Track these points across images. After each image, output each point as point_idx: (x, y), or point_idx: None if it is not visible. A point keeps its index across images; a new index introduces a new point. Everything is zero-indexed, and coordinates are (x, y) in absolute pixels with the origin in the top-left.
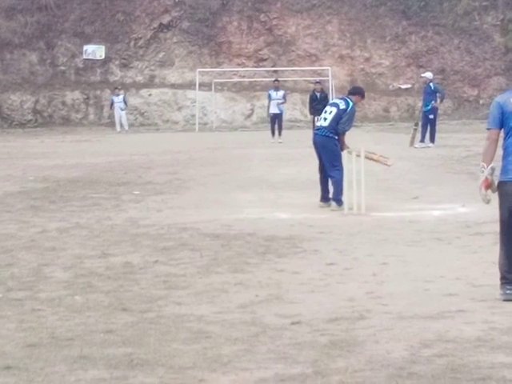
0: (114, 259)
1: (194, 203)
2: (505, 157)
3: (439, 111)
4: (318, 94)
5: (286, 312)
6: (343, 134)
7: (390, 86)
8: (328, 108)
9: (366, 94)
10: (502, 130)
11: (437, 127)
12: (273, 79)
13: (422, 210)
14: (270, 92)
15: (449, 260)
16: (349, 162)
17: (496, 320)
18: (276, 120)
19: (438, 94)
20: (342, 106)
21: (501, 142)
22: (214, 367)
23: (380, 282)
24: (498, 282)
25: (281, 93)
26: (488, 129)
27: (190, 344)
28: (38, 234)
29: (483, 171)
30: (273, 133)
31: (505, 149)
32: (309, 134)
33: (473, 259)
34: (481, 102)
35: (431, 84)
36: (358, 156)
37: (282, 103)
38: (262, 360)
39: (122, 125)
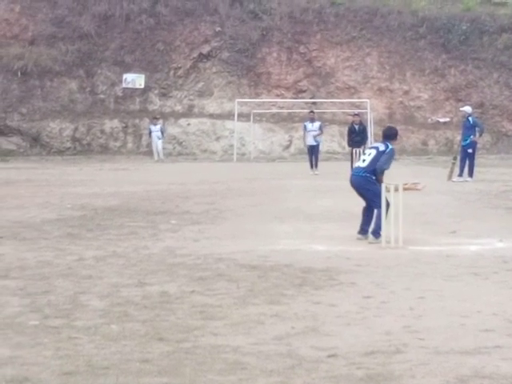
0: (150, 288)
1: (230, 234)
2: None
3: (478, 145)
4: (357, 127)
5: (322, 345)
6: (382, 173)
7: (429, 120)
8: (367, 151)
9: (404, 127)
10: None
11: (475, 161)
12: (308, 111)
13: (459, 245)
14: (305, 124)
15: (486, 295)
16: (387, 196)
17: None
18: (312, 152)
19: (477, 129)
20: (382, 148)
21: None
22: None
23: (417, 316)
24: None
25: (317, 124)
26: None
27: (226, 375)
28: (75, 261)
29: None
30: (311, 165)
31: None
32: (346, 166)
33: (510, 295)
34: None
35: (470, 118)
36: (396, 190)
37: (319, 134)
38: None
39: (158, 153)
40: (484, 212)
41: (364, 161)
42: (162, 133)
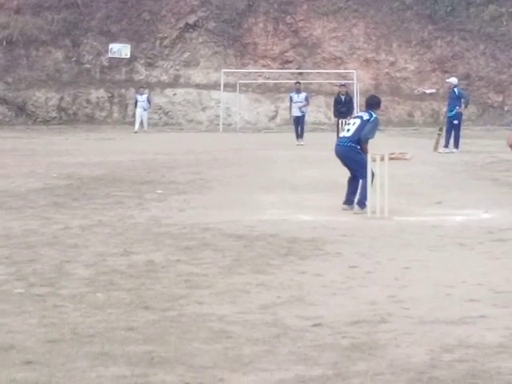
0: (136, 257)
1: (216, 203)
2: None
3: (464, 117)
4: (343, 97)
5: (307, 314)
6: (366, 141)
7: (415, 91)
8: (352, 120)
9: (390, 98)
10: None
11: (461, 133)
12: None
13: (444, 215)
14: (291, 95)
15: (471, 266)
16: (372, 166)
17: None
18: (298, 122)
19: (462, 100)
20: (366, 117)
21: None
22: (235, 367)
23: (402, 286)
24: None
25: (302, 95)
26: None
27: (211, 343)
28: (61, 230)
29: None
30: (297, 135)
31: None
32: (332, 137)
33: (495, 265)
34: (505, 108)
35: (456, 89)
36: (382, 160)
37: (305, 105)
38: (282, 361)
39: (142, 124)
40: (469, 183)
41: (348, 130)
42: (149, 102)
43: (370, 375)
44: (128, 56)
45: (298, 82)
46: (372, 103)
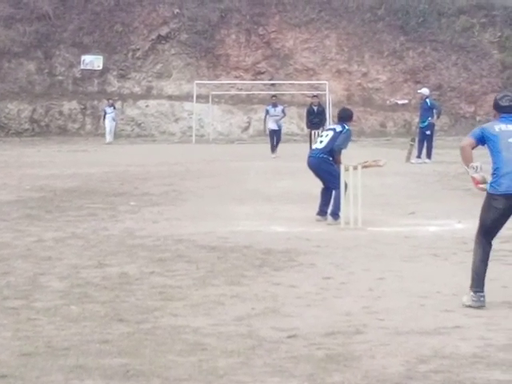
0: (110, 269)
1: (190, 215)
2: (495, 172)
3: (436, 127)
4: (315, 108)
5: (282, 325)
6: (339, 152)
7: (387, 102)
8: (324, 132)
9: (363, 108)
10: (486, 147)
11: (434, 143)
12: (270, 94)
13: (418, 226)
14: (267, 108)
15: (445, 276)
16: (346, 176)
17: (492, 337)
18: (274, 135)
19: (434, 111)
20: (339, 129)
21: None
22: (210, 380)
23: (376, 297)
24: (495, 298)
25: (279, 109)
26: (468, 136)
27: (186, 356)
28: (34, 243)
29: (469, 173)
30: (272, 149)
31: (495, 166)
32: (305, 148)
33: (469, 275)
34: (477, 118)
35: (428, 100)
36: (356, 169)
37: (281, 118)
38: (257, 373)
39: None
40: (443, 193)
41: (321, 142)
42: (117, 115)
43: None
44: (100, 68)
45: (275, 96)
46: (344, 116)
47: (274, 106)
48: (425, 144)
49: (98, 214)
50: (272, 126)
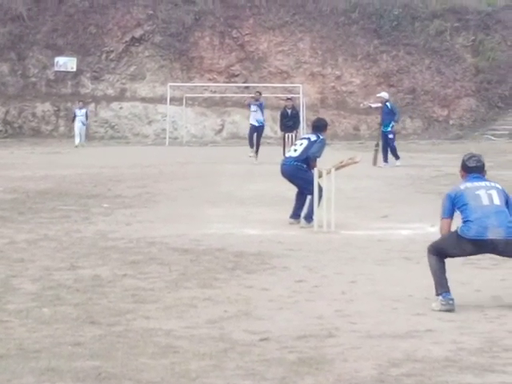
0: (82, 272)
1: (163, 217)
2: (465, 220)
3: (410, 130)
4: (289, 111)
5: (254, 328)
6: (314, 160)
7: (361, 105)
8: (299, 141)
9: (336, 112)
10: (457, 209)
11: (395, 143)
12: (244, 97)
13: (391, 229)
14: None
15: (417, 279)
16: (320, 180)
17: (464, 340)
18: (255, 132)
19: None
20: (313, 138)
21: None
22: (182, 382)
23: (349, 300)
24: (467, 302)
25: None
26: (442, 218)
27: (158, 359)
28: (6, 245)
29: None
30: (251, 144)
31: (464, 216)
32: (279, 151)
33: None
34: (450, 122)
35: (388, 104)
36: (329, 173)
37: (257, 110)
38: (230, 376)
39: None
40: (415, 197)
41: (296, 150)
42: (87, 117)
43: None
44: (74, 69)
45: (258, 92)
46: (319, 125)
47: (256, 100)
48: (388, 148)
49: (70, 216)
50: (251, 121)
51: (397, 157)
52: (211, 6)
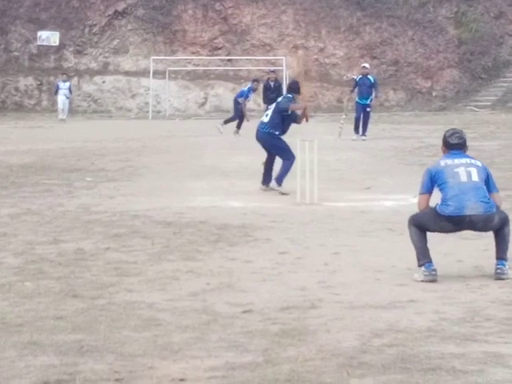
0: (65, 245)
1: (146, 191)
2: (444, 198)
3: (393, 102)
4: (272, 84)
5: (237, 300)
6: (283, 110)
7: (344, 77)
8: (270, 106)
9: (320, 84)
10: (437, 186)
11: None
12: (228, 69)
13: (374, 201)
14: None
15: (400, 250)
16: (302, 152)
17: (446, 310)
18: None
19: (374, 88)
20: (279, 99)
21: None
22: (165, 355)
23: (332, 272)
24: (449, 273)
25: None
26: (420, 194)
27: (141, 331)
28: None
29: None
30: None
31: (444, 194)
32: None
33: None
34: (434, 93)
35: (371, 76)
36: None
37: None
38: (212, 348)
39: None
40: (399, 168)
41: (267, 115)
42: (70, 91)
43: (300, 361)
44: (57, 43)
45: (257, 81)
46: (290, 86)
47: (254, 90)
48: (362, 120)
49: (53, 190)
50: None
51: (365, 131)
52: None
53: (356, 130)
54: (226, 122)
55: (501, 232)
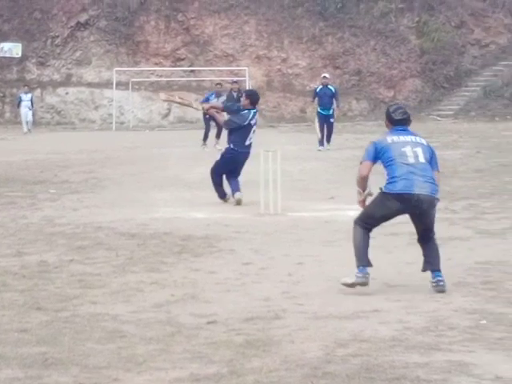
0: (29, 258)
1: (109, 202)
2: (390, 177)
3: (356, 112)
4: (235, 94)
5: (201, 311)
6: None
7: (307, 87)
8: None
9: (283, 94)
10: (382, 163)
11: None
12: (190, 80)
13: (337, 211)
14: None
15: None
16: (265, 162)
17: (410, 320)
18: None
19: (335, 99)
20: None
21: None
22: (129, 367)
23: (295, 282)
24: (412, 282)
25: (222, 99)
26: (363, 160)
27: (105, 343)
28: None
29: (359, 195)
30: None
31: (390, 174)
32: (224, 133)
33: (388, 259)
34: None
35: (331, 86)
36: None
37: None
38: (177, 360)
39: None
40: None
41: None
42: (32, 103)
43: (265, 372)
44: (19, 55)
45: (219, 84)
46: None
47: (218, 95)
48: (327, 131)
49: (17, 202)
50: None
51: (329, 140)
52: None
53: (321, 142)
54: (205, 139)
55: (432, 242)
